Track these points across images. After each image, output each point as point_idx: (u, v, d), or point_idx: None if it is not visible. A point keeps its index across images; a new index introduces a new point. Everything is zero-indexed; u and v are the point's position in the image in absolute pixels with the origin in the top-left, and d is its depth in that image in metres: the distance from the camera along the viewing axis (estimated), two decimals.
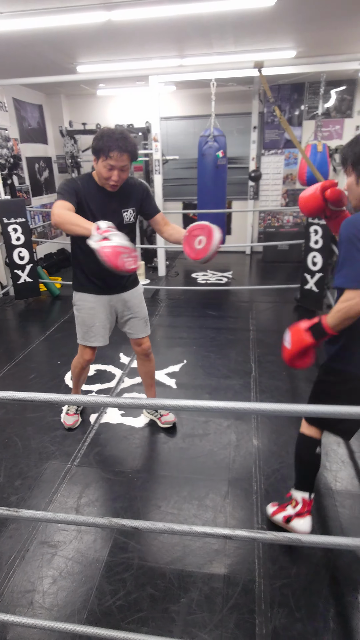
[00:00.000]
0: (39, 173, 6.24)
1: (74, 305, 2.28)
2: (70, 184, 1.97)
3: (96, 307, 2.22)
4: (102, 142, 1.85)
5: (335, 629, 1.46)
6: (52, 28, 3.28)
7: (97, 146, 1.87)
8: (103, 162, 1.88)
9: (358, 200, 1.49)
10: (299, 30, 3.72)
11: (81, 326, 2.29)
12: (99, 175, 1.95)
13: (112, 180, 1.93)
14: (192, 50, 4.28)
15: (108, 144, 1.84)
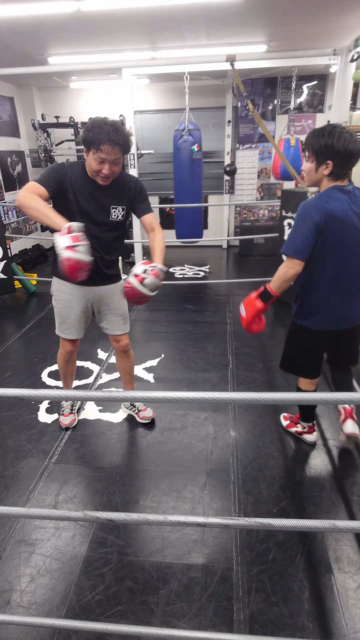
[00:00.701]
0: (12, 167, 6.09)
1: (52, 294, 2.24)
2: (57, 171, 1.89)
3: (72, 299, 2.17)
4: (93, 134, 1.78)
5: (310, 611, 1.50)
6: (19, 17, 3.20)
7: (88, 138, 1.80)
8: (94, 154, 1.83)
9: (312, 182, 1.80)
10: (270, 24, 3.75)
11: (57, 316, 2.27)
12: (90, 167, 1.89)
13: (102, 173, 1.87)
14: (165, 43, 4.25)
15: (99, 136, 1.77)
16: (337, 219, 1.69)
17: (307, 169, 1.76)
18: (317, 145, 1.68)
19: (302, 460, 2.21)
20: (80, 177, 1.95)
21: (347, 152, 1.65)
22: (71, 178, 1.92)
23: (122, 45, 4.23)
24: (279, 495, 1.99)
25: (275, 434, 2.42)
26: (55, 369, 3.19)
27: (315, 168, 1.72)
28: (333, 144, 1.64)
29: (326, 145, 1.65)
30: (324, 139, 1.65)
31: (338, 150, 1.65)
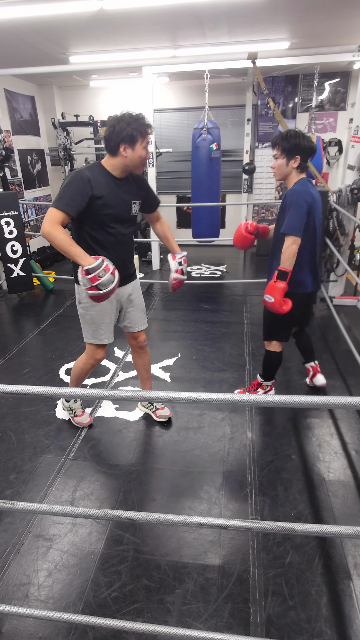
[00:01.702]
0: (32, 166, 6.17)
1: (79, 304, 2.17)
2: (81, 188, 1.88)
3: (105, 302, 2.07)
4: (137, 126, 1.88)
5: (328, 617, 1.48)
6: (43, 17, 3.23)
7: (135, 130, 1.87)
8: (141, 144, 1.92)
9: (283, 176, 2.25)
10: (293, 21, 3.70)
11: (90, 324, 2.19)
12: (139, 160, 1.95)
13: (147, 158, 2.00)
14: (186, 41, 4.24)
15: (143, 125, 1.90)
16: (316, 201, 2.20)
17: (278, 164, 2.22)
18: (287, 145, 2.15)
19: (320, 464, 2.19)
20: (101, 177, 1.96)
21: (310, 149, 2.17)
22: (93, 183, 1.91)
23: (142, 43, 4.23)
24: (296, 499, 1.97)
25: (293, 437, 2.39)
26: (72, 366, 3.21)
27: (286, 163, 2.19)
28: (300, 143, 2.13)
29: (295, 144, 2.14)
30: (293, 139, 2.14)
31: (304, 148, 2.15)
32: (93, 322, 2.18)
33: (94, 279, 1.80)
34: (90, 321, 2.18)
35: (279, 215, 2.29)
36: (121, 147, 1.90)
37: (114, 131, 1.89)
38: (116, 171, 1.98)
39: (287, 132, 2.18)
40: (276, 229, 2.36)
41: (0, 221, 4.45)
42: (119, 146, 1.90)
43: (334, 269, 4.15)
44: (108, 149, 1.95)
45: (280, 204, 2.31)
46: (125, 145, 1.90)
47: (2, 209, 4.43)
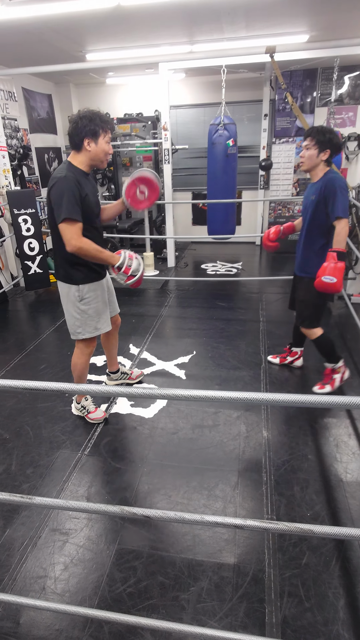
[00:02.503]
0: (49, 163, 6.22)
1: (80, 301, 2.23)
2: (75, 192, 1.99)
3: (102, 292, 2.30)
4: (99, 121, 2.00)
5: (346, 620, 1.46)
6: (60, 15, 3.24)
7: (97, 126, 1.99)
8: (104, 138, 2.04)
9: (311, 167, 2.39)
10: (312, 13, 3.62)
11: (93, 317, 2.28)
12: (102, 154, 2.06)
13: (110, 152, 2.10)
14: (203, 36, 4.20)
15: (105, 121, 2.02)
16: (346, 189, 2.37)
17: (309, 155, 2.36)
18: (322, 137, 2.31)
19: (337, 465, 2.15)
20: (80, 178, 2.05)
21: (338, 146, 2.38)
22: (79, 184, 2.02)
23: (159, 39, 4.22)
24: (312, 499, 1.95)
25: (310, 436, 2.36)
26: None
27: (317, 154, 2.34)
28: (333, 139, 2.32)
29: (329, 139, 2.32)
30: (328, 134, 2.31)
31: (335, 144, 2.34)
32: (97, 314, 2.30)
33: (127, 270, 2.10)
34: (94, 314, 2.29)
35: (316, 206, 2.39)
36: (85, 142, 2.01)
37: (77, 127, 1.99)
38: (84, 166, 2.09)
39: (321, 126, 2.37)
40: (311, 220, 2.46)
41: (18, 219, 4.51)
42: (83, 141, 2.01)
43: (352, 267, 4.07)
44: (73, 144, 2.06)
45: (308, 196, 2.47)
46: (89, 140, 2.01)
47: (19, 207, 4.49)
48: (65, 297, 2.27)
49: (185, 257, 6.20)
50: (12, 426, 2.55)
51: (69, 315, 2.30)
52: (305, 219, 2.52)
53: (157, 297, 4.65)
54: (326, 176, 2.36)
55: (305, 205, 2.51)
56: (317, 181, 2.41)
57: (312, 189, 2.44)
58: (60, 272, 2.23)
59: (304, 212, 2.55)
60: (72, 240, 1.98)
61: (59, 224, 1.99)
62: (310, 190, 2.47)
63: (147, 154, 6.18)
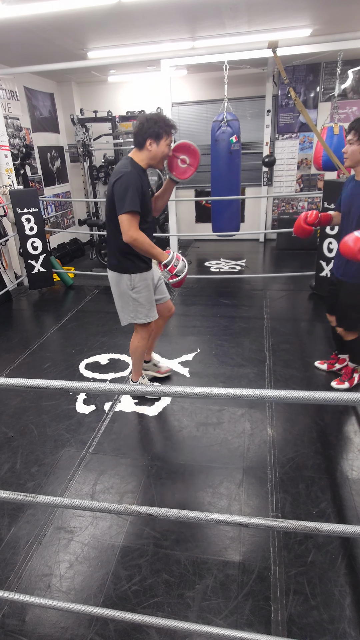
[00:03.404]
0: (51, 162, 6.22)
1: (132, 289, 2.37)
2: (136, 181, 2.13)
3: (150, 282, 2.44)
4: (164, 124, 2.12)
5: (352, 618, 1.45)
6: (61, 12, 3.23)
7: (161, 128, 2.13)
8: (165, 140, 2.17)
9: (356, 162, 2.22)
10: (315, 7, 3.59)
11: (145, 305, 2.41)
12: (161, 155, 2.19)
13: (167, 155, 2.22)
14: (204, 32, 4.17)
15: (168, 125, 2.14)
16: None
17: (351, 150, 2.19)
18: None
19: (343, 462, 2.14)
20: (141, 174, 2.20)
21: None
22: (141, 179, 2.17)
23: (161, 36, 4.20)
24: (318, 497, 1.93)
25: (315, 433, 2.35)
26: (92, 361, 3.25)
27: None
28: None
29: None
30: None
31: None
32: (147, 302, 2.42)
33: (172, 269, 2.22)
34: (145, 302, 2.41)
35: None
36: (147, 142, 2.15)
37: (142, 127, 2.13)
38: (143, 164, 2.22)
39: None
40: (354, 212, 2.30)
41: (21, 218, 4.51)
42: (145, 141, 2.15)
43: None
44: (136, 142, 2.20)
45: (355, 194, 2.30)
46: (151, 140, 2.14)
47: (22, 206, 4.49)
48: (116, 285, 2.41)
49: (188, 254, 6.18)
50: (17, 425, 2.55)
51: (120, 302, 2.45)
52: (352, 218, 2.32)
53: None
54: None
55: (349, 202, 2.34)
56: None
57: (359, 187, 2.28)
58: (113, 262, 2.38)
59: (345, 210, 2.38)
60: (130, 231, 2.12)
61: (120, 215, 2.12)
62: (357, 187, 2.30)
63: None
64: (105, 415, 2.61)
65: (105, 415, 2.61)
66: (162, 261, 2.22)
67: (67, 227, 6.74)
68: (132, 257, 2.30)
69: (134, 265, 2.33)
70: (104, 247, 5.44)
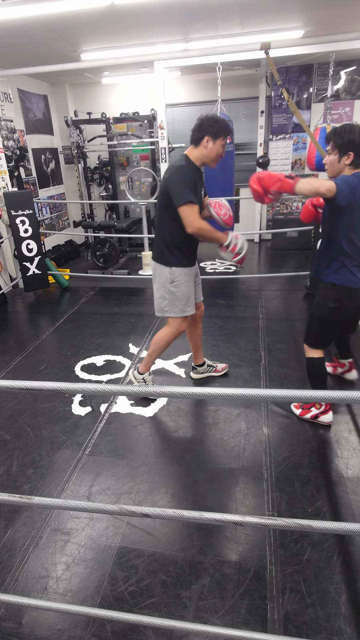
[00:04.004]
0: (46, 164, 6.22)
1: (172, 282, 2.41)
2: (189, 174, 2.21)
3: (190, 278, 2.47)
4: (222, 124, 2.19)
5: (348, 615, 1.46)
6: (54, 14, 3.23)
7: (220, 128, 2.18)
8: (222, 141, 2.22)
9: (335, 172, 2.08)
10: (307, 8, 3.61)
11: (181, 300, 2.45)
12: (215, 154, 2.23)
13: (222, 156, 2.27)
14: (197, 34, 4.19)
15: (226, 126, 2.20)
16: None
17: (330, 161, 2.09)
18: (340, 140, 2.01)
19: (338, 460, 2.15)
20: (194, 170, 2.26)
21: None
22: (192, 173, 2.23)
23: (154, 38, 4.21)
24: (313, 495, 1.94)
25: (310, 432, 2.36)
26: (87, 363, 3.24)
27: (338, 159, 2.05)
28: (354, 139, 1.98)
29: (349, 140, 1.99)
30: (347, 135, 1.99)
31: (358, 144, 1.98)
32: (184, 297, 2.45)
33: (234, 248, 2.30)
34: (182, 297, 2.45)
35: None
36: (205, 139, 2.20)
37: (202, 124, 2.20)
38: (197, 161, 2.28)
39: (341, 126, 2.03)
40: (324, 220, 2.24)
41: (16, 220, 4.50)
42: (203, 137, 2.21)
43: None
44: (193, 139, 2.26)
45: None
46: (208, 138, 2.20)
47: (17, 208, 4.48)
48: (158, 276, 2.46)
49: None
50: (13, 427, 2.55)
51: (159, 294, 2.50)
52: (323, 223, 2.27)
53: None
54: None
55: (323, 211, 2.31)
56: None
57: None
58: (156, 253, 2.44)
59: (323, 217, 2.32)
60: (194, 222, 2.18)
61: (180, 207, 2.18)
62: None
63: (144, 153, 6.17)
64: (101, 417, 2.61)
65: (101, 416, 2.61)
66: (223, 243, 2.29)
67: (62, 228, 6.73)
68: (175, 251, 2.37)
69: (176, 260, 2.38)
70: (99, 248, 5.44)
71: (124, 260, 5.90)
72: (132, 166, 6.22)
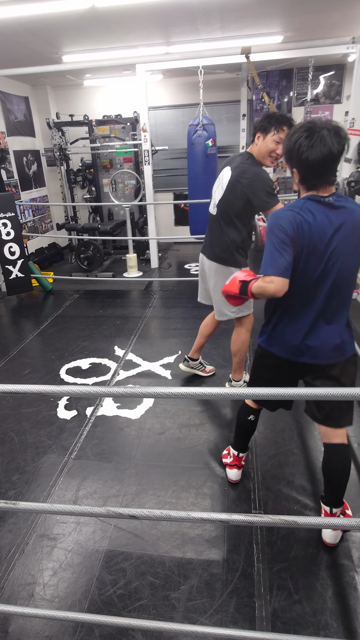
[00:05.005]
0: (28, 167, 6.15)
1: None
2: (269, 179, 2.19)
3: None
4: (274, 119, 2.08)
5: (334, 609, 1.48)
6: (33, 16, 3.21)
7: (271, 123, 2.08)
8: (273, 136, 2.10)
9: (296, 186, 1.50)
10: (286, 14, 3.68)
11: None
12: (265, 149, 2.15)
13: (276, 153, 2.15)
14: (179, 37, 4.22)
15: (279, 120, 2.08)
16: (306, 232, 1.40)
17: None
18: (284, 148, 1.44)
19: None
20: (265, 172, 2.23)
21: (305, 161, 1.34)
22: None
23: (135, 41, 4.22)
24: (299, 493, 1.97)
25: (295, 431, 2.39)
26: (73, 366, 3.22)
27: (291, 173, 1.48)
28: (291, 149, 1.39)
29: (288, 150, 1.40)
30: (288, 142, 1.39)
31: (297, 158, 1.37)
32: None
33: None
34: None
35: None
36: (256, 135, 2.17)
37: (257, 122, 2.17)
38: (257, 159, 2.23)
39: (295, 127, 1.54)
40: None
41: None
42: (255, 134, 2.18)
43: None
44: (252, 137, 2.24)
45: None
46: (259, 134, 2.15)
47: None
48: (222, 278, 2.41)
49: (168, 257, 6.20)
50: None
51: (221, 297, 2.45)
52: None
53: (141, 298, 4.65)
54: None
55: None
56: None
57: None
58: (222, 255, 2.44)
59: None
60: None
61: (271, 209, 2.15)
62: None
63: (127, 156, 6.17)
64: (87, 420, 2.59)
65: (87, 420, 2.59)
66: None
67: (45, 231, 6.66)
68: (243, 252, 2.42)
69: (244, 260, 2.44)
70: (83, 251, 5.40)
71: (109, 263, 5.88)
72: (116, 168, 6.21)
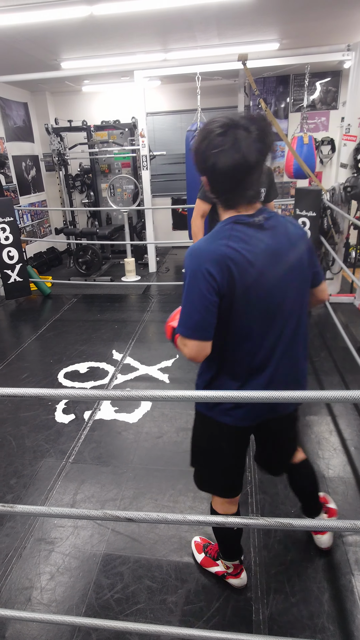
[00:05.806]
0: (26, 172, 6.18)
1: None
2: None
3: None
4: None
5: (330, 613, 1.48)
6: (33, 24, 3.25)
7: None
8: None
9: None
10: (282, 22, 3.72)
11: None
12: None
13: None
14: (176, 44, 4.27)
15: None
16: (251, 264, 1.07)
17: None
18: (192, 145, 1.11)
19: (319, 461, 2.19)
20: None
21: (211, 168, 1.03)
22: None
23: (134, 47, 4.26)
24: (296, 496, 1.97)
25: None
26: (71, 370, 3.22)
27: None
28: (197, 148, 1.07)
29: (195, 148, 1.07)
30: (197, 137, 1.08)
31: (202, 163, 1.06)
32: None
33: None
34: None
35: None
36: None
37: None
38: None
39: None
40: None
41: None
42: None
43: (329, 267, 4.16)
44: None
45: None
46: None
47: None
48: None
49: (166, 262, 6.23)
50: None
51: None
52: None
53: (140, 303, 4.66)
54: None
55: None
56: None
57: None
58: None
59: None
60: None
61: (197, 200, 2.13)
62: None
63: (126, 161, 6.20)
64: (85, 424, 2.59)
65: (85, 424, 2.60)
66: None
67: (44, 236, 6.68)
68: None
69: None
70: (81, 255, 5.42)
71: (107, 267, 5.89)
72: (114, 173, 6.24)
